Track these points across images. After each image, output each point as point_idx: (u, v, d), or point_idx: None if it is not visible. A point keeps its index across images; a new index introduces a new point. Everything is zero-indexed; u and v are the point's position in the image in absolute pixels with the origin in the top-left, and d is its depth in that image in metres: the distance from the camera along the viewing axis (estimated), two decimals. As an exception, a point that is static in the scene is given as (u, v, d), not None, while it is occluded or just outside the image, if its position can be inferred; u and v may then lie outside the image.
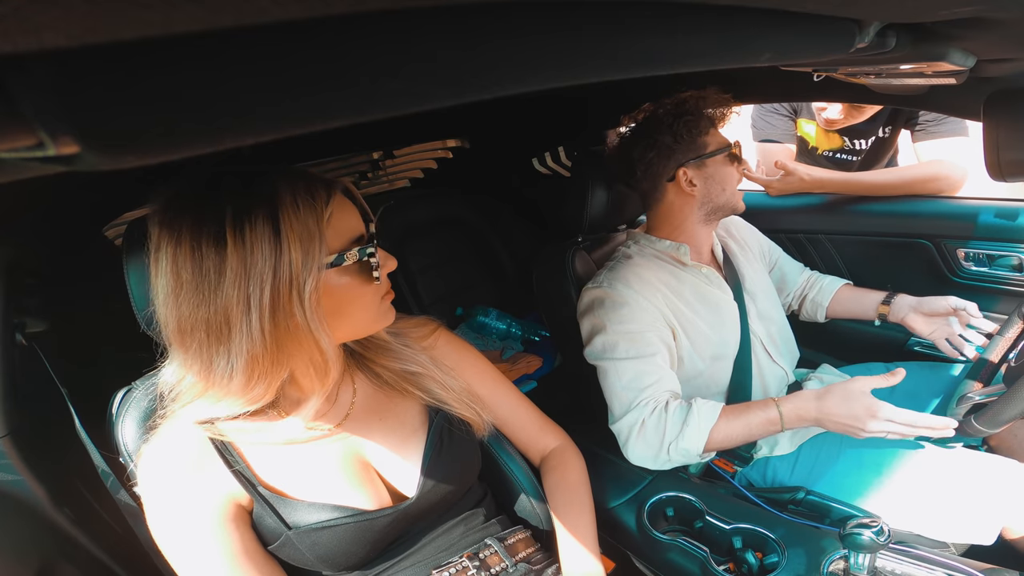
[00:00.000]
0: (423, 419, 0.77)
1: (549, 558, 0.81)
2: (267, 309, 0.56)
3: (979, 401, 0.91)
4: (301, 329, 0.58)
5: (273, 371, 0.59)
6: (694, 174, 1.08)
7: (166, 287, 0.56)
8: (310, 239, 0.57)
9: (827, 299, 1.33)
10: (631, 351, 1.00)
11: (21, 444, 0.85)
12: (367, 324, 0.68)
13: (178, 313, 0.56)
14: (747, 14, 0.39)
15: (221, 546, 0.62)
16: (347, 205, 0.63)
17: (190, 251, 0.55)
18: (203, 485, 0.63)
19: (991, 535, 0.87)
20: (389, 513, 0.68)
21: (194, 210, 0.56)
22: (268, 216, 0.55)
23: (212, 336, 0.57)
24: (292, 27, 0.20)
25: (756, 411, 0.95)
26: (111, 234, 1.15)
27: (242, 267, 0.55)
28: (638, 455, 0.99)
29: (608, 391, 1.03)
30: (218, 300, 0.55)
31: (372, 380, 0.77)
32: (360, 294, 0.64)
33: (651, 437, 0.96)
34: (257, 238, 0.55)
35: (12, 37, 0.15)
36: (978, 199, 1.34)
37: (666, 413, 0.97)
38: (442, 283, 1.78)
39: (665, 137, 1.07)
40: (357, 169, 1.73)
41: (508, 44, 0.27)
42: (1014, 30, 0.54)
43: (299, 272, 0.56)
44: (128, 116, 0.19)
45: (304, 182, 0.59)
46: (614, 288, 1.05)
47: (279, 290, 0.56)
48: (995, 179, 0.82)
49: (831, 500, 0.99)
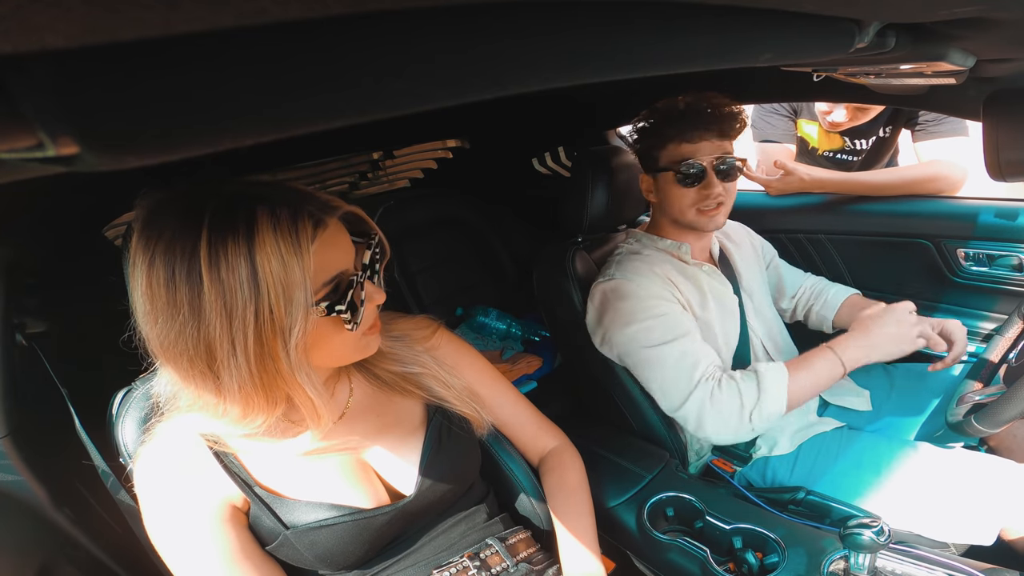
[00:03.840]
0: (422, 417, 0.77)
1: (550, 558, 0.80)
2: (252, 351, 0.53)
3: (979, 401, 0.91)
4: (286, 373, 0.56)
5: (269, 406, 0.58)
6: (650, 184, 1.10)
7: (142, 306, 0.53)
8: (292, 283, 0.52)
9: (832, 313, 1.31)
10: (668, 334, 0.99)
11: (21, 444, 0.85)
12: (346, 358, 0.66)
13: (157, 333, 0.53)
14: (747, 14, 0.39)
15: (218, 547, 0.62)
16: (338, 234, 0.59)
17: (164, 276, 0.51)
18: (199, 487, 0.63)
19: (990, 536, 0.87)
20: (387, 511, 0.68)
21: (171, 229, 0.52)
22: (246, 252, 0.51)
23: (196, 368, 0.54)
24: (292, 27, 0.20)
25: (817, 362, 0.97)
26: (111, 234, 1.15)
27: (222, 306, 0.51)
28: (715, 432, 0.96)
29: (657, 380, 1.01)
30: (198, 336, 0.52)
31: (370, 380, 0.76)
32: (338, 336, 0.61)
33: (728, 412, 0.95)
34: (234, 277, 0.51)
35: (12, 37, 0.15)
36: (978, 199, 1.34)
37: (735, 384, 0.95)
38: (442, 283, 1.78)
39: (639, 142, 1.09)
40: (357, 169, 1.73)
41: (508, 44, 0.27)
42: (1014, 30, 0.54)
43: (282, 317, 0.53)
44: (128, 117, 0.19)
45: (289, 212, 0.53)
46: (627, 278, 1.04)
47: (263, 333, 0.53)
48: (995, 179, 0.82)
49: (831, 500, 0.99)
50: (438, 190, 1.83)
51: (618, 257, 1.13)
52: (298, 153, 1.35)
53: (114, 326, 0.58)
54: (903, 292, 1.47)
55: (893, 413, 1.17)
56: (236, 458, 0.65)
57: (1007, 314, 1.11)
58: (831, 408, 1.21)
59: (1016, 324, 1.06)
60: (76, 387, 0.87)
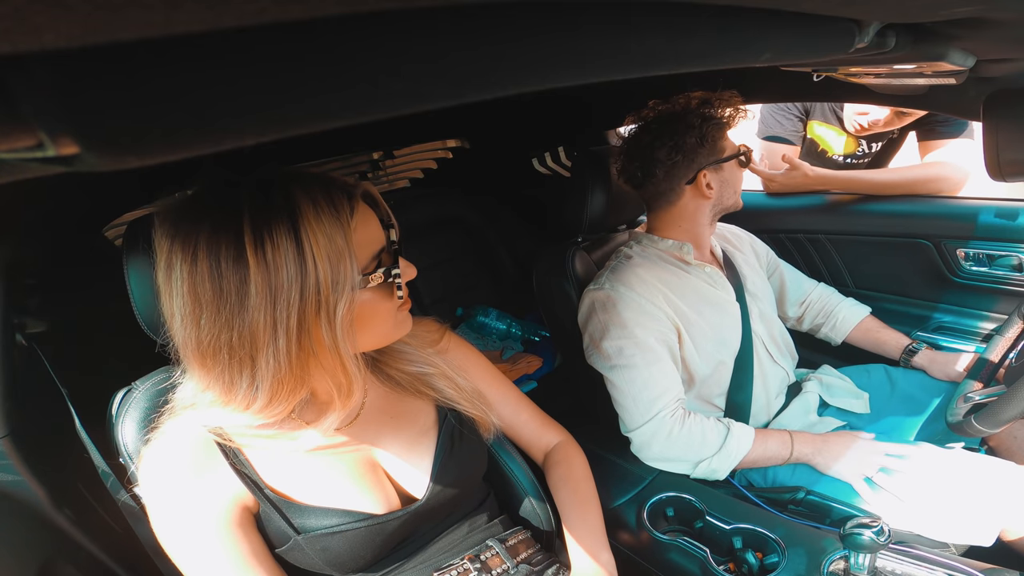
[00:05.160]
0: (434, 420, 0.77)
1: (550, 559, 0.80)
2: (294, 332, 0.53)
3: (979, 401, 0.91)
4: (327, 350, 0.56)
5: (295, 392, 0.58)
6: (712, 177, 1.09)
7: (183, 308, 0.53)
8: (339, 257, 0.53)
9: (840, 337, 1.35)
10: (637, 356, 1.00)
11: (21, 444, 0.85)
12: (386, 336, 0.66)
13: (198, 335, 0.53)
14: (746, 14, 0.39)
15: (228, 548, 0.61)
16: (368, 212, 0.60)
17: (208, 270, 0.51)
18: (208, 486, 0.62)
19: (990, 536, 0.87)
20: (400, 516, 0.68)
21: (209, 223, 0.51)
22: (290, 231, 0.51)
23: (235, 359, 0.54)
24: (293, 27, 0.20)
25: (773, 441, 1.03)
26: (111, 234, 1.15)
27: (267, 288, 0.51)
28: (656, 459, 1.01)
29: (619, 398, 1.03)
30: (243, 323, 0.52)
31: (384, 382, 0.76)
32: (383, 308, 0.62)
33: (681, 450, 0.99)
34: (280, 256, 0.51)
35: (12, 37, 0.15)
36: (978, 199, 1.34)
37: (701, 429, 1.00)
38: (442, 283, 1.78)
39: (691, 139, 1.06)
40: (357, 169, 1.73)
41: (509, 44, 0.27)
42: (1014, 30, 0.54)
43: (328, 293, 0.53)
44: (128, 117, 0.19)
45: (323, 189, 0.54)
46: (616, 291, 1.05)
47: (307, 312, 0.53)
48: (995, 179, 0.82)
49: (831, 500, 0.99)
50: (438, 190, 1.83)
51: (614, 263, 1.12)
52: (298, 153, 1.35)
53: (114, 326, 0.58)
54: (903, 292, 1.47)
55: (893, 413, 1.18)
56: (245, 457, 0.64)
57: (1007, 314, 1.11)
58: (831, 408, 1.21)
59: (1016, 324, 1.06)
60: (76, 387, 0.87)
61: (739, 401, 1.12)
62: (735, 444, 0.99)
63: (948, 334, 1.37)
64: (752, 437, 1.01)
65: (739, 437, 1.00)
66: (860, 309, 1.34)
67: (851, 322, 1.33)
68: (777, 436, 1.03)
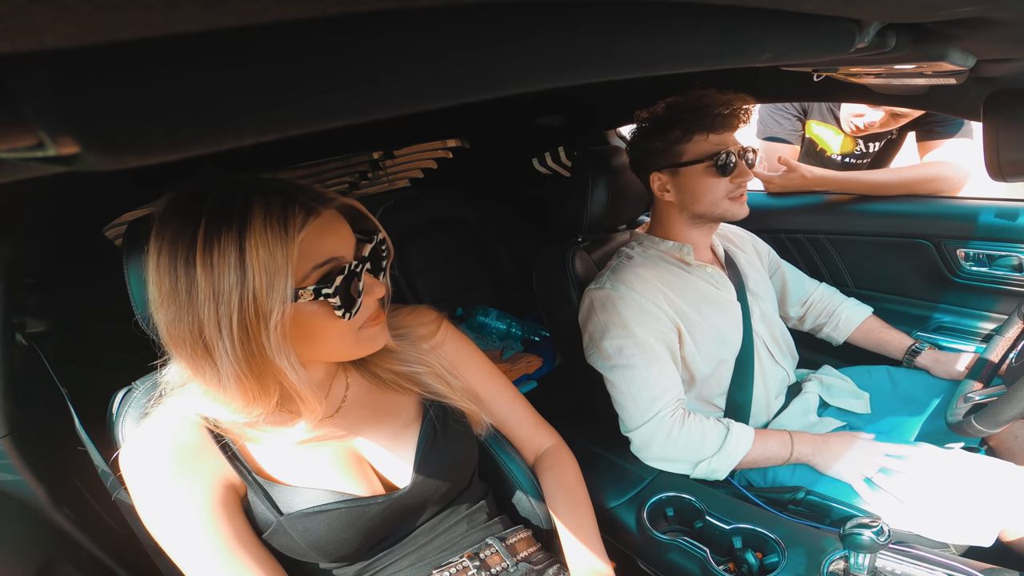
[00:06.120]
0: (417, 412, 0.77)
1: (550, 558, 0.80)
2: (237, 335, 0.55)
3: (979, 401, 0.91)
4: (270, 357, 0.57)
5: (265, 392, 0.60)
6: (668, 181, 1.08)
7: (152, 293, 0.57)
8: (275, 270, 0.55)
9: (843, 337, 1.35)
10: (637, 356, 1.00)
11: (21, 444, 0.85)
12: (345, 352, 0.67)
13: (164, 320, 0.57)
14: (747, 14, 0.39)
15: (217, 531, 0.62)
16: (335, 226, 0.61)
17: (167, 265, 0.55)
18: (197, 466, 0.63)
19: (990, 537, 0.87)
20: (381, 501, 0.68)
21: (175, 223, 0.56)
22: (236, 240, 0.54)
23: (196, 350, 0.57)
24: (293, 27, 0.20)
25: (773, 441, 1.02)
26: (111, 234, 1.15)
27: (211, 290, 0.54)
28: (655, 459, 1.01)
29: (619, 398, 1.03)
30: (192, 319, 0.56)
31: (368, 378, 0.77)
32: (332, 324, 0.62)
33: (681, 450, 0.99)
34: (223, 262, 0.54)
35: (12, 37, 0.15)
36: (978, 199, 1.34)
37: (701, 429, 0.99)
38: (442, 283, 1.78)
39: (650, 140, 1.07)
40: (357, 169, 1.74)
41: (508, 44, 0.27)
42: (1014, 30, 0.54)
43: (263, 303, 0.55)
44: (128, 116, 0.19)
45: (282, 201, 0.56)
46: (616, 290, 1.05)
47: (246, 318, 0.55)
48: (995, 179, 0.81)
49: (831, 500, 0.99)
50: (438, 190, 1.83)
51: (615, 263, 1.13)
52: (298, 153, 1.35)
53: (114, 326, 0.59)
54: (903, 292, 1.47)
55: (894, 413, 1.18)
56: (234, 441, 0.66)
57: (1007, 314, 1.11)
58: (831, 408, 1.21)
59: (1016, 324, 1.06)
60: (76, 387, 0.87)
61: (739, 401, 1.12)
62: (735, 444, 0.99)
63: (948, 334, 1.37)
64: (752, 437, 1.01)
65: (739, 437, 1.00)
66: (862, 309, 1.34)
67: (853, 322, 1.33)
68: (777, 436, 1.03)
